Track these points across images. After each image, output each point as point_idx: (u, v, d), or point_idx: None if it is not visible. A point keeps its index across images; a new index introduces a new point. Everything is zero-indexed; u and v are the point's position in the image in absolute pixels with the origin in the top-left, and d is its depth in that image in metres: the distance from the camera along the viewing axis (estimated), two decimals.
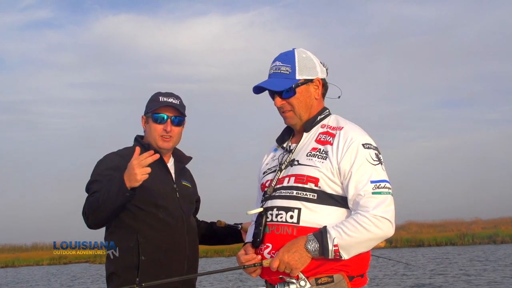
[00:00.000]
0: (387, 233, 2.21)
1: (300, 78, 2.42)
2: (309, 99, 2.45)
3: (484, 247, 29.00)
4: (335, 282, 2.24)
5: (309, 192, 2.28)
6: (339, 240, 2.16)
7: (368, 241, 2.21)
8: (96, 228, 2.82)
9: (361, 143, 2.30)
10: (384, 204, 2.20)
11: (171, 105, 2.95)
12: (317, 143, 2.38)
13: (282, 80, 2.42)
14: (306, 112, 2.45)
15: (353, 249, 2.20)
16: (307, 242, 2.20)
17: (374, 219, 2.17)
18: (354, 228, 2.17)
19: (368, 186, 2.22)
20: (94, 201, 2.70)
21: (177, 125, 2.98)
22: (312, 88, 2.46)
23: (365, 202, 2.21)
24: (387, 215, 2.19)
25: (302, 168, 2.33)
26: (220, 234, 3.26)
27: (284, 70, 2.43)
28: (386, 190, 2.24)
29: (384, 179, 2.26)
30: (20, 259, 37.70)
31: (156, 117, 2.95)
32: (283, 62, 2.44)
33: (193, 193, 3.15)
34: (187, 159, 3.15)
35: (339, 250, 2.17)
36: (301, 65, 2.43)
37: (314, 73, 2.45)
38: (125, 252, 2.80)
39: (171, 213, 2.88)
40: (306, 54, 2.47)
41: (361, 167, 2.25)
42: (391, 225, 2.21)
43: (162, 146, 2.95)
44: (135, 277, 2.75)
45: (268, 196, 2.40)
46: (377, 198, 2.21)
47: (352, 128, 2.38)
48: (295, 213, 2.28)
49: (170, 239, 2.84)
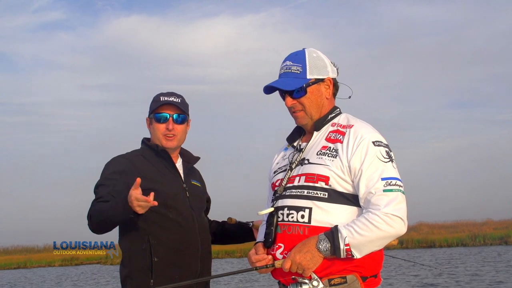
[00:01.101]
0: (399, 231, 2.19)
1: (311, 78, 2.41)
2: (320, 99, 2.44)
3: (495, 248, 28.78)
4: (348, 283, 2.23)
5: (320, 191, 2.27)
6: (350, 239, 2.15)
7: (380, 239, 2.19)
8: (99, 234, 2.85)
9: (371, 141, 2.28)
10: (395, 201, 2.18)
11: (172, 103, 2.96)
12: (327, 142, 2.37)
13: (293, 79, 2.41)
14: (317, 111, 2.44)
15: (365, 248, 2.18)
16: (318, 242, 2.19)
17: (386, 217, 2.15)
18: (365, 226, 2.16)
19: (379, 184, 2.20)
20: (99, 213, 2.72)
21: (180, 123, 2.98)
22: (323, 87, 2.45)
23: (376, 200, 2.19)
24: (398, 213, 2.17)
25: (312, 167, 2.32)
26: (232, 233, 3.26)
27: (295, 70, 2.42)
28: (397, 188, 2.22)
29: (395, 177, 2.25)
30: (32, 260, 37.90)
31: (158, 117, 2.96)
32: (293, 62, 2.44)
33: (203, 192, 3.16)
34: (195, 159, 3.16)
35: (351, 249, 2.16)
36: (312, 65, 2.42)
37: (325, 73, 2.44)
38: (138, 254, 2.81)
39: (182, 213, 2.88)
40: (317, 53, 2.46)
41: (371, 164, 2.24)
42: (403, 223, 2.19)
43: (166, 145, 2.96)
44: (149, 278, 2.75)
45: (278, 196, 2.39)
46: (388, 196, 2.19)
47: (362, 126, 2.37)
48: (306, 212, 2.27)
49: (181, 239, 2.84)
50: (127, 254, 2.87)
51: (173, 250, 2.81)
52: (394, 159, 2.31)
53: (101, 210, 2.71)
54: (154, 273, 2.75)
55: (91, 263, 35.44)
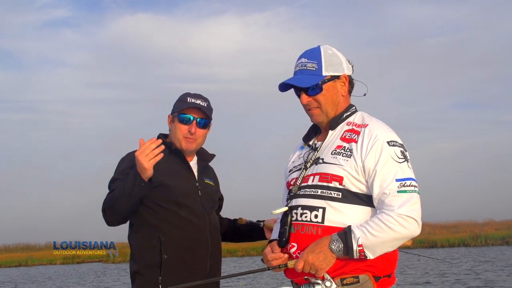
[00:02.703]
0: (413, 232, 2.17)
1: (326, 75, 2.38)
2: (335, 96, 2.41)
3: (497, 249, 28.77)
4: (360, 282, 2.21)
5: (334, 191, 2.25)
6: (363, 240, 2.14)
7: (393, 240, 2.17)
8: (115, 224, 2.85)
9: (386, 141, 2.26)
10: (410, 202, 2.15)
11: (198, 107, 2.96)
12: (342, 141, 2.34)
13: (309, 76, 2.38)
14: (333, 109, 2.42)
15: (378, 249, 2.17)
16: (331, 242, 2.17)
17: (400, 218, 2.13)
18: (379, 227, 2.14)
19: (394, 185, 2.18)
20: (112, 197, 2.74)
21: (202, 128, 2.99)
22: (339, 84, 2.42)
23: (390, 201, 2.16)
24: (412, 214, 2.14)
25: (326, 166, 2.31)
26: (243, 231, 3.27)
27: (311, 67, 2.39)
28: (412, 188, 2.19)
29: (410, 177, 2.22)
30: (33, 258, 37.96)
31: (182, 118, 2.96)
32: (309, 59, 2.41)
33: (215, 191, 3.17)
34: (210, 156, 3.17)
35: (364, 250, 2.14)
36: (328, 62, 2.39)
37: (341, 70, 2.41)
38: (148, 250, 2.82)
39: (193, 211, 2.89)
40: (332, 50, 2.44)
41: (386, 165, 2.21)
42: (417, 224, 2.16)
43: (186, 147, 2.97)
44: (157, 275, 2.76)
45: (293, 195, 2.38)
46: (402, 197, 2.16)
47: (378, 125, 2.34)
48: (319, 212, 2.26)
49: (192, 237, 2.85)
50: (137, 250, 2.88)
51: (183, 248, 2.82)
52: (409, 159, 2.28)
53: (113, 196, 2.73)
54: (163, 270, 2.77)
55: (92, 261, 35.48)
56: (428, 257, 7.44)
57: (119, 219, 2.83)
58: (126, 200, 2.70)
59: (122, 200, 2.70)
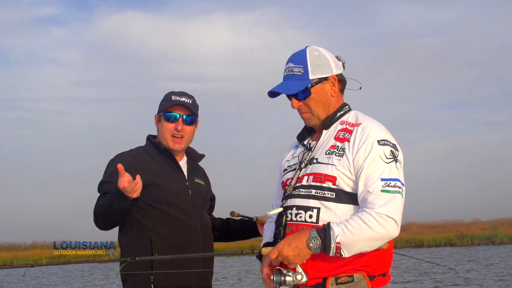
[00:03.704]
0: (391, 233, 2.15)
1: (313, 78, 2.37)
2: (325, 98, 2.40)
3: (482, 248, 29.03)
4: (355, 281, 2.21)
5: (327, 191, 2.25)
6: (342, 238, 2.12)
7: (371, 240, 2.15)
8: (106, 229, 2.86)
9: (376, 139, 2.25)
10: (391, 203, 2.15)
11: (183, 104, 2.96)
12: (335, 141, 2.34)
13: (296, 82, 2.38)
14: (324, 111, 2.41)
15: (355, 247, 2.15)
16: (309, 239, 2.16)
17: (379, 218, 2.12)
18: (357, 225, 2.13)
19: (378, 184, 2.17)
20: (100, 207, 2.74)
21: (189, 124, 2.99)
22: (328, 86, 2.40)
23: (372, 200, 2.16)
24: (393, 215, 2.13)
25: (320, 166, 2.30)
26: (236, 229, 3.26)
27: (297, 72, 2.38)
28: (396, 189, 2.18)
29: (396, 178, 2.20)
30: (18, 258, 37.62)
31: (168, 116, 2.96)
32: (295, 63, 2.40)
33: (206, 191, 3.16)
34: (200, 156, 3.16)
35: (341, 247, 2.13)
36: (314, 64, 2.38)
37: (328, 71, 2.39)
38: (139, 250, 2.81)
39: (184, 211, 2.88)
40: (319, 51, 2.41)
41: (373, 163, 2.21)
42: (396, 225, 2.15)
43: (173, 147, 2.97)
44: (149, 275, 2.75)
45: (288, 195, 2.37)
46: (385, 196, 2.15)
47: (370, 124, 2.33)
48: (314, 212, 2.26)
49: (183, 236, 2.85)
50: (128, 250, 2.86)
51: (174, 247, 2.81)
52: (399, 160, 2.26)
53: (102, 204, 2.73)
54: (154, 270, 2.75)
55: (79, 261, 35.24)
56: (432, 262, 7.44)
57: (110, 226, 2.85)
58: (114, 214, 2.71)
59: (110, 213, 2.71)
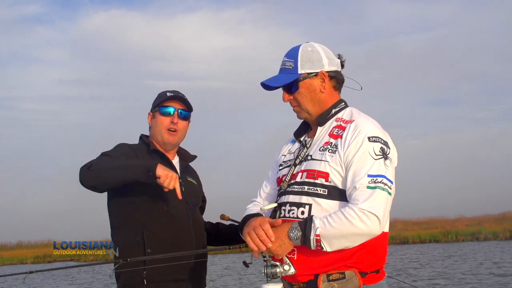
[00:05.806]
0: (372, 229, 2.12)
1: (302, 72, 2.37)
2: (313, 93, 2.39)
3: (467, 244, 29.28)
4: (346, 278, 2.20)
5: (320, 188, 2.24)
6: (322, 230, 2.12)
7: (352, 235, 2.12)
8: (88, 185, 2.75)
9: (367, 136, 2.23)
10: (376, 199, 2.12)
11: (179, 98, 2.98)
12: (330, 137, 2.33)
13: (284, 75, 2.39)
14: (313, 106, 2.41)
15: (336, 242, 2.13)
16: (290, 229, 2.18)
17: (361, 213, 2.09)
18: (339, 219, 2.11)
19: (365, 180, 2.15)
20: (110, 160, 2.73)
21: (183, 119, 3.01)
22: (317, 81, 2.39)
23: (357, 195, 2.14)
24: (375, 211, 2.10)
25: (314, 163, 2.30)
26: (226, 234, 3.23)
27: (288, 65, 2.40)
28: (382, 186, 2.15)
29: (383, 175, 2.18)
30: (3, 258, 37.25)
31: (163, 110, 2.97)
32: (288, 57, 2.42)
33: (198, 190, 3.18)
34: (192, 157, 3.18)
35: (321, 240, 2.12)
36: (304, 59, 2.37)
37: (319, 66, 2.38)
38: (132, 246, 2.82)
39: (176, 207, 2.89)
40: (313, 47, 2.41)
41: (361, 159, 2.19)
42: (378, 222, 2.11)
43: (168, 140, 2.97)
44: (142, 270, 2.76)
45: (282, 192, 2.38)
46: (369, 193, 2.13)
47: (363, 121, 2.32)
48: (306, 209, 2.25)
49: (176, 232, 2.86)
50: (121, 247, 2.85)
51: (167, 243, 2.82)
52: (389, 157, 2.24)
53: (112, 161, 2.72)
54: (147, 265, 2.76)
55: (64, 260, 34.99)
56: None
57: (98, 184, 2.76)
58: (125, 172, 2.68)
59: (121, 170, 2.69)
